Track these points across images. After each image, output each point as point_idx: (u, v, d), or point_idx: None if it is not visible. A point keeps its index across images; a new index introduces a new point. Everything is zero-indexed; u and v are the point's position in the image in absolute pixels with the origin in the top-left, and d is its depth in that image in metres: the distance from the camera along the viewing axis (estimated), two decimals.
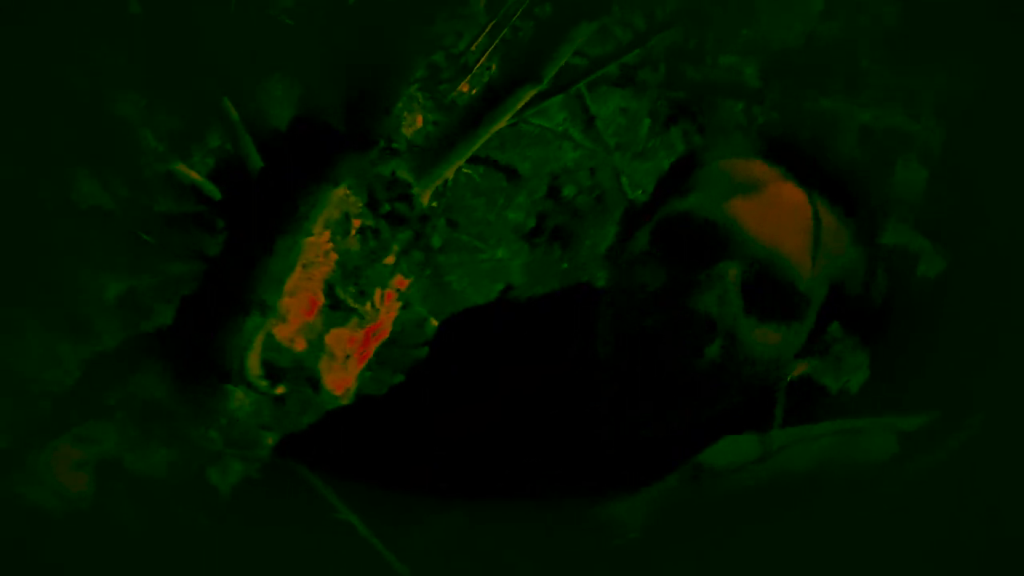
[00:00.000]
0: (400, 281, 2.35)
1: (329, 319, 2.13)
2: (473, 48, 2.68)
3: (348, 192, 2.24)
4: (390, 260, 2.31)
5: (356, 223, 2.27)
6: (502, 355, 0.80)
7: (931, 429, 0.64)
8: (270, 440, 1.86)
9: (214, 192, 2.17)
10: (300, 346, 2.04)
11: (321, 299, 2.11)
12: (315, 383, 2.03)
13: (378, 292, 2.29)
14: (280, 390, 1.92)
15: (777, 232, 0.68)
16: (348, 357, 2.15)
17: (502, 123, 2.30)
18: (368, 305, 2.21)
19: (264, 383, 1.87)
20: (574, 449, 0.73)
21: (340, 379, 2.13)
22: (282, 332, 1.99)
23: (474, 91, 2.72)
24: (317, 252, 2.13)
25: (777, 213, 0.68)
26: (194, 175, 2.22)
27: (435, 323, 3.25)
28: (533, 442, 0.74)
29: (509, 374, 0.78)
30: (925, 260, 3.48)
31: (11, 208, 2.22)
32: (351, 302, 2.16)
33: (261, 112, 2.16)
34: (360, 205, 2.28)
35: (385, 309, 2.29)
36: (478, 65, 2.68)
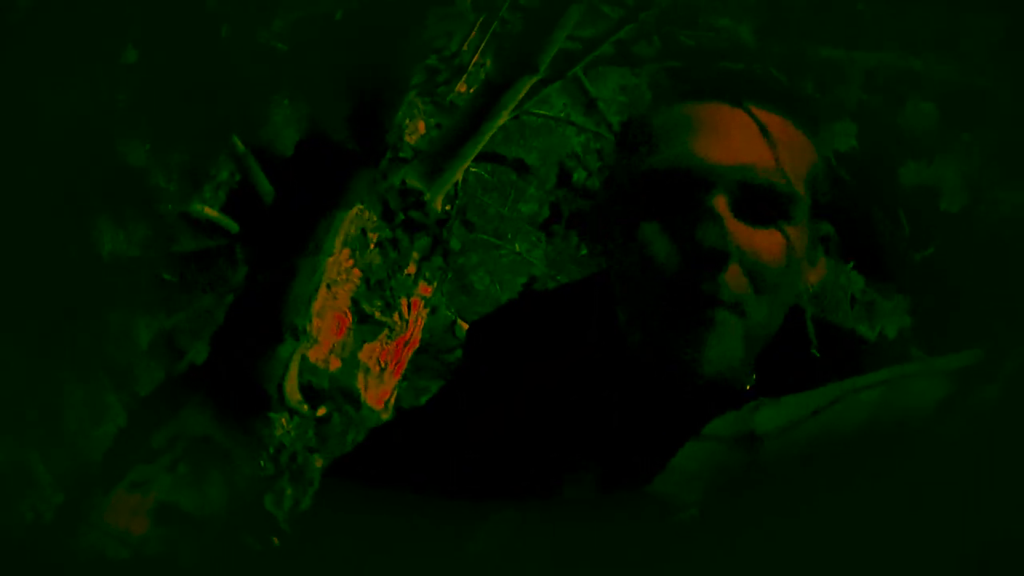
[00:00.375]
0: (424, 288, 2.36)
1: (360, 335, 2.14)
2: (465, 47, 2.68)
3: (362, 207, 2.25)
4: (411, 269, 2.32)
5: (374, 236, 2.28)
6: (528, 351, 0.81)
7: (979, 364, 0.63)
8: (319, 462, 1.88)
9: (231, 225, 2.18)
10: (335, 365, 2.06)
11: (349, 316, 2.13)
12: (355, 400, 2.04)
13: (404, 302, 2.29)
14: (322, 411, 1.94)
15: (743, 152, 0.73)
16: (383, 370, 2.16)
17: (504, 118, 2.30)
18: (396, 316, 2.22)
19: (305, 406, 1.88)
20: (611, 438, 0.73)
21: (379, 393, 2.14)
22: (316, 354, 2.00)
23: (472, 90, 2.72)
24: (339, 270, 2.14)
25: (736, 137, 0.74)
26: (209, 211, 2.24)
27: (464, 325, 3.26)
28: (568, 436, 0.74)
29: (537, 370, 0.79)
30: (947, 196, 3.43)
31: (36, 264, 2.25)
32: (379, 315, 2.17)
33: (266, 139, 2.17)
34: (375, 218, 2.29)
35: (413, 318, 2.30)
36: (473, 63, 2.67)
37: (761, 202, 0.74)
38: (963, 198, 3.42)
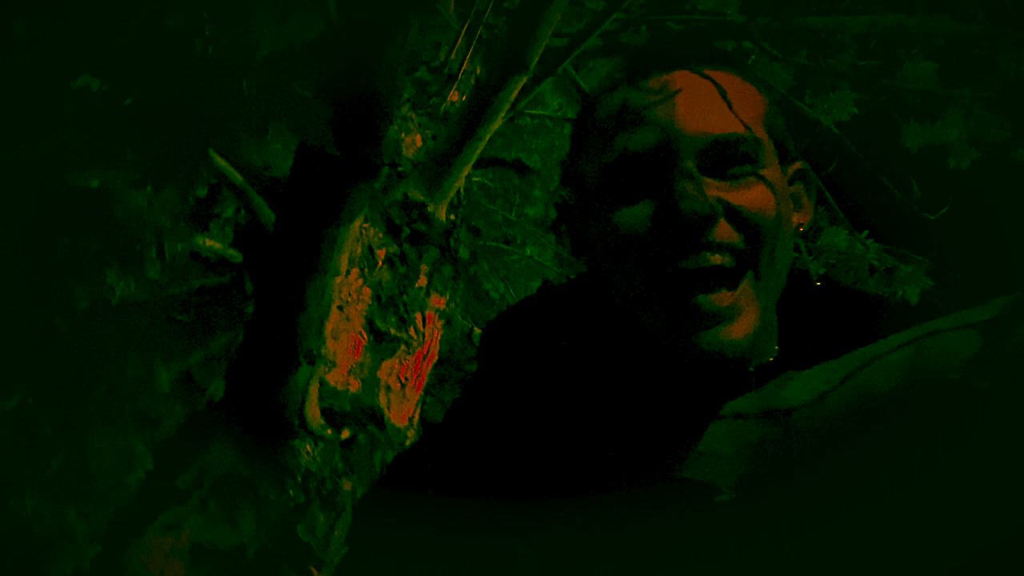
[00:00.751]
0: (437, 300, 2.35)
1: (377, 353, 2.13)
2: (453, 56, 2.67)
3: (366, 224, 2.24)
4: (422, 282, 2.31)
5: (381, 253, 2.27)
6: (539, 350, 0.80)
7: (1007, 313, 0.61)
8: (348, 486, 1.86)
9: (235, 255, 2.18)
10: (355, 386, 2.04)
11: (364, 335, 2.11)
12: (379, 420, 2.03)
13: (418, 316, 2.28)
14: (346, 434, 1.92)
15: (696, 112, 0.74)
16: (405, 386, 2.14)
17: (499, 121, 2.28)
18: (411, 330, 2.21)
19: (329, 431, 1.87)
20: (633, 427, 0.71)
21: (402, 410, 2.12)
22: (334, 377, 1.99)
23: (464, 97, 2.71)
24: (349, 290, 2.13)
25: (684, 99, 0.74)
26: (211, 243, 2.23)
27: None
28: (591, 430, 0.73)
29: (551, 367, 0.78)
30: (955, 153, 3.39)
31: (48, 321, 2.26)
32: (394, 331, 2.16)
33: (264, 167, 2.17)
34: (381, 234, 2.27)
35: (429, 331, 2.28)
36: (462, 71, 2.66)
37: (728, 154, 0.73)
38: (971, 153, 3.37)
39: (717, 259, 0.71)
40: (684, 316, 0.71)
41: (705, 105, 0.74)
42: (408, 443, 2.08)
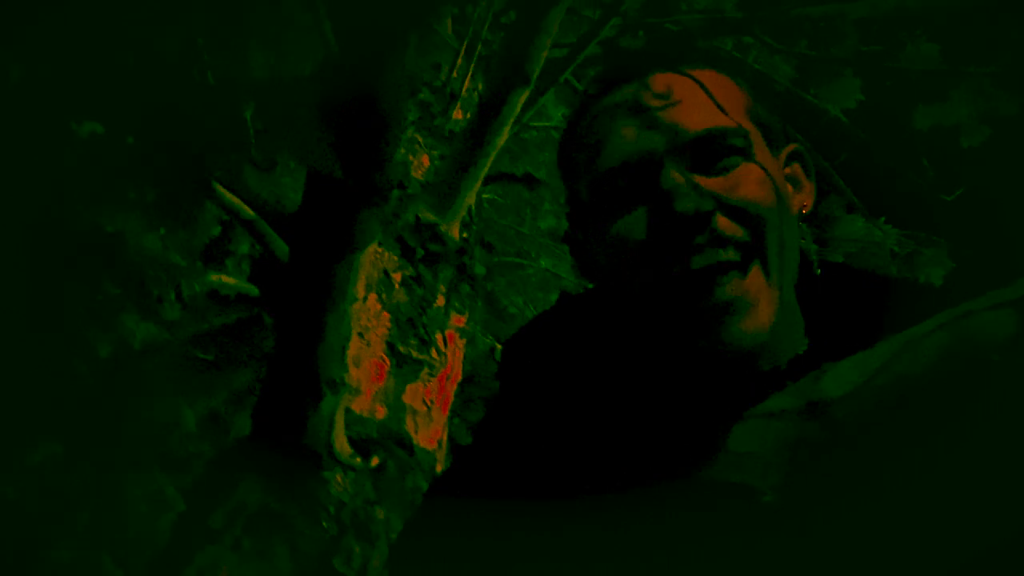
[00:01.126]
0: (457, 319, 2.34)
1: (400, 377, 2.12)
2: (454, 74, 2.67)
3: (380, 249, 2.23)
4: (440, 302, 2.30)
5: (397, 276, 2.26)
6: (563, 360, 0.80)
7: None
8: (381, 514, 1.85)
9: (251, 290, 2.18)
10: (381, 413, 2.03)
11: (387, 360, 2.11)
12: (407, 444, 2.02)
13: (439, 336, 2.27)
14: (375, 461, 1.91)
15: (680, 112, 0.73)
16: (431, 409, 2.13)
17: (505, 135, 2.28)
18: (433, 352, 2.20)
19: (358, 459, 1.86)
20: (678, 431, 0.70)
21: (430, 433, 2.11)
22: (359, 404, 1.98)
23: (468, 115, 2.71)
24: (368, 316, 2.12)
25: (672, 101, 0.74)
26: (226, 279, 2.24)
27: None
28: (632, 436, 0.71)
29: (578, 375, 0.77)
30: (965, 132, 3.36)
31: (70, 368, 2.27)
32: (416, 354, 2.15)
33: (274, 200, 2.17)
34: (395, 258, 2.27)
35: (451, 351, 2.27)
36: (464, 89, 2.67)
37: (715, 148, 0.73)
38: (983, 131, 3.34)
39: (722, 255, 0.71)
40: (700, 313, 0.70)
41: (686, 103, 0.74)
42: (439, 468, 2.07)
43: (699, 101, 0.74)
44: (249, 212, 2.05)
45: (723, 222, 0.71)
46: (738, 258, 0.71)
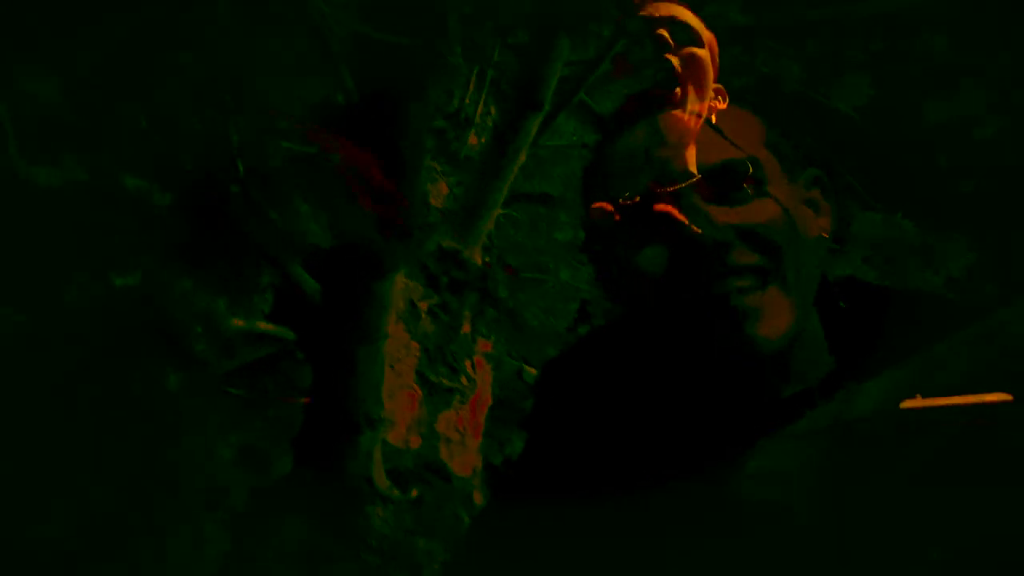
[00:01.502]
0: (484, 344, 2.36)
1: (432, 406, 2.14)
2: (467, 101, 2.69)
3: (405, 280, 2.26)
4: (467, 328, 2.32)
5: (423, 305, 2.29)
6: (603, 380, 0.82)
7: None
8: (422, 543, 1.87)
9: (288, 334, 2.21)
10: (416, 443, 2.06)
11: (418, 390, 2.13)
12: (444, 473, 2.04)
13: (467, 363, 2.29)
14: (414, 493, 1.93)
15: (704, 146, 0.75)
16: (464, 435, 2.15)
17: (521, 159, 2.30)
18: (463, 379, 2.22)
19: (396, 492, 1.88)
20: (711, 451, 0.72)
21: (464, 460, 2.13)
22: (395, 436, 2.00)
23: (483, 140, 2.73)
24: (398, 347, 2.15)
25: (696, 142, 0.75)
26: (264, 325, 2.27)
27: (532, 371, 3.26)
28: (667, 454, 0.74)
29: (620, 392, 0.80)
30: (977, 124, 3.35)
31: (107, 413, 2.30)
32: (446, 382, 2.17)
33: (297, 236, 2.20)
34: (420, 287, 2.29)
35: (480, 376, 2.29)
36: (478, 115, 2.69)
37: (729, 179, 0.75)
38: (995, 122, 3.33)
39: (740, 282, 0.73)
40: (718, 320, 0.73)
41: (701, 137, 0.75)
42: (476, 496, 2.09)
43: (711, 135, 0.77)
44: (276, 249, 2.08)
45: (740, 253, 0.74)
46: (756, 283, 0.74)
